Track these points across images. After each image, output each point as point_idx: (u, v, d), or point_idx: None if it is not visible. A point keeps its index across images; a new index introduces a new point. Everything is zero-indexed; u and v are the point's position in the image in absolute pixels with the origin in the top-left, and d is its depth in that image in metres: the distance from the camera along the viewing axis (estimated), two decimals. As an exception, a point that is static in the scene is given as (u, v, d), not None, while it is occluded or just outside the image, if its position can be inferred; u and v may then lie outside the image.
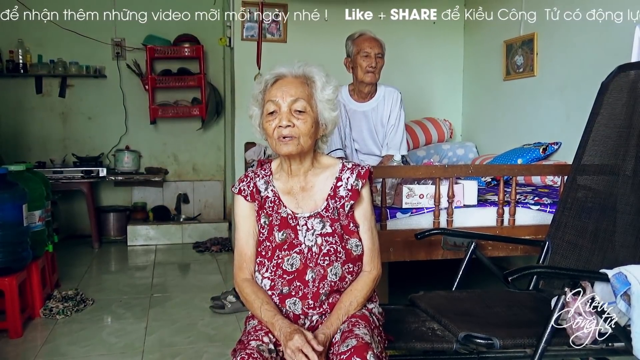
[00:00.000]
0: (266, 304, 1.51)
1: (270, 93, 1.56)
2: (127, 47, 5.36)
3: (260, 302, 1.51)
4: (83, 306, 3.27)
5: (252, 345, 1.40)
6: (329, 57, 3.34)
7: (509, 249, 2.60)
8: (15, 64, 5.05)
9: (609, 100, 2.08)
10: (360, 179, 1.60)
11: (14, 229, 2.87)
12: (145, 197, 5.57)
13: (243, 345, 1.42)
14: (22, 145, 5.23)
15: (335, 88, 1.61)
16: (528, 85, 4.01)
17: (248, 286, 1.57)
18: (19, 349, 2.69)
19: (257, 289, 1.56)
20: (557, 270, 1.90)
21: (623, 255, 1.87)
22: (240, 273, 1.61)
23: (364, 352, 1.34)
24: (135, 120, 5.46)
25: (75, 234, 5.36)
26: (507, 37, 4.19)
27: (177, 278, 4.15)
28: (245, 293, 1.57)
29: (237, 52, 4.55)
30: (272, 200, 1.62)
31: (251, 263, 1.61)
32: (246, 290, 1.57)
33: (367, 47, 3.00)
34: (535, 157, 3.51)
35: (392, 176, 2.66)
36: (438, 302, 1.95)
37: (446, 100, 4.96)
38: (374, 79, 3.04)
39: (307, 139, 1.54)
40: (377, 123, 3.16)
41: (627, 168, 1.95)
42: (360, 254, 1.59)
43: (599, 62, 3.17)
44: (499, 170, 2.72)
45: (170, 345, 2.72)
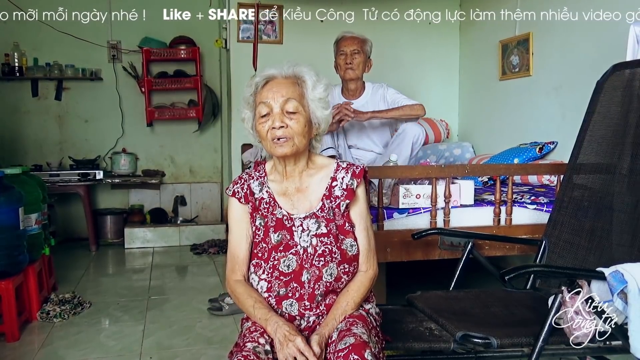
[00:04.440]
0: (259, 303, 1.51)
1: (261, 95, 1.56)
2: (123, 49, 5.36)
3: (252, 301, 1.51)
4: (80, 309, 3.26)
5: (248, 347, 1.40)
6: (325, 58, 3.37)
7: (505, 248, 2.60)
8: (11, 67, 5.04)
9: (604, 99, 2.09)
10: (355, 178, 1.60)
11: (10, 232, 2.86)
12: (142, 200, 5.56)
13: (239, 347, 1.42)
14: (18, 149, 5.21)
15: (326, 86, 1.61)
16: (524, 85, 4.02)
17: (240, 286, 1.57)
18: (16, 353, 2.69)
19: (249, 289, 1.56)
20: (553, 269, 1.91)
21: (619, 253, 1.88)
22: (232, 275, 1.61)
23: (361, 350, 1.34)
24: (132, 123, 5.46)
25: (72, 237, 5.35)
26: (502, 37, 4.20)
27: (175, 280, 4.14)
28: (237, 293, 1.57)
29: (233, 54, 4.55)
30: (267, 202, 1.61)
31: (243, 265, 1.61)
32: (238, 290, 1.56)
33: (343, 46, 3.18)
34: (531, 156, 3.52)
35: (388, 176, 2.66)
36: (435, 302, 1.95)
37: (442, 100, 4.96)
38: (353, 75, 3.17)
39: (301, 138, 1.54)
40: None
41: (623, 167, 1.96)
42: (356, 254, 1.58)
43: (594, 62, 3.17)
44: (496, 170, 2.73)
45: (168, 348, 2.72)
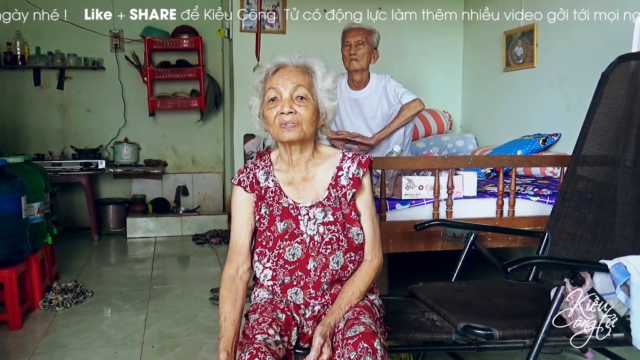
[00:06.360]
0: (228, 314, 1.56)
1: (271, 81, 1.57)
2: (125, 38, 5.33)
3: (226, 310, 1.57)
4: (82, 298, 3.27)
5: (259, 339, 1.40)
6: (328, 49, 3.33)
7: (508, 240, 2.59)
8: (13, 56, 5.03)
9: (609, 91, 2.08)
10: (361, 168, 1.61)
11: (12, 221, 2.87)
12: (145, 190, 5.57)
13: (249, 339, 1.41)
14: (20, 138, 5.21)
15: (334, 78, 1.63)
16: (528, 76, 4.00)
17: (225, 283, 1.62)
18: (19, 341, 2.70)
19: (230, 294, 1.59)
20: (556, 260, 1.90)
21: (622, 245, 1.87)
22: (227, 265, 1.64)
23: (371, 339, 1.35)
24: (134, 113, 5.45)
25: (74, 227, 5.36)
26: (506, 28, 4.17)
27: (177, 270, 4.15)
28: (221, 287, 1.62)
29: (235, 44, 4.54)
30: (272, 191, 1.62)
31: (240, 254, 1.62)
32: (223, 286, 1.62)
33: (348, 37, 3.17)
34: (535, 148, 3.51)
35: (391, 167, 2.65)
36: (437, 293, 1.95)
37: (445, 91, 4.95)
38: (357, 66, 3.16)
39: (308, 125, 1.55)
40: (369, 110, 3.24)
41: (627, 159, 1.95)
42: (362, 243, 1.59)
43: (599, 53, 3.15)
44: (499, 162, 2.72)
45: (170, 337, 2.73)
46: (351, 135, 3.09)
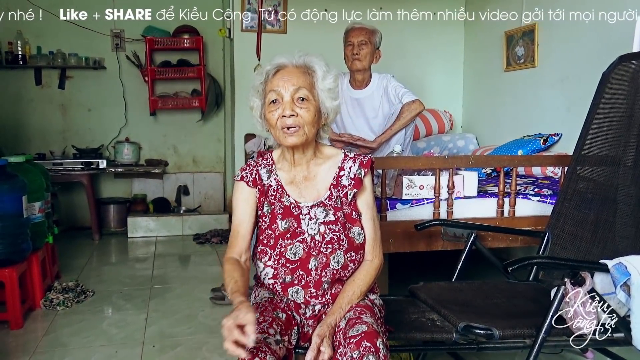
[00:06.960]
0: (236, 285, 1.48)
1: (272, 83, 1.56)
2: (126, 38, 5.33)
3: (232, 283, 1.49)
4: (83, 297, 3.27)
5: (259, 338, 1.39)
6: (329, 48, 3.34)
7: (508, 240, 2.60)
8: (14, 55, 5.03)
9: (610, 91, 2.08)
10: (363, 168, 1.61)
11: (13, 220, 2.87)
12: (145, 189, 5.57)
13: None
14: (21, 137, 5.21)
15: (336, 77, 1.62)
16: (529, 76, 3.99)
17: (228, 264, 1.56)
18: (20, 340, 2.70)
19: (234, 268, 1.54)
20: (556, 260, 1.90)
21: (623, 246, 1.87)
22: (229, 250, 1.61)
23: (373, 338, 1.35)
24: (135, 112, 5.45)
25: (75, 226, 5.36)
26: (507, 28, 4.17)
27: (178, 270, 4.16)
28: (225, 269, 1.56)
29: (236, 43, 4.54)
30: (275, 189, 1.62)
31: (242, 241, 1.61)
32: (226, 267, 1.56)
33: (351, 36, 3.18)
34: (535, 148, 3.51)
35: (392, 167, 2.65)
36: (438, 293, 1.95)
37: (446, 91, 4.95)
38: (360, 66, 3.17)
39: (310, 127, 1.55)
40: (371, 110, 3.24)
41: (628, 159, 1.95)
42: (363, 243, 1.60)
43: (600, 53, 3.15)
44: (499, 162, 2.72)
45: (171, 336, 2.73)
46: (353, 138, 3.10)
